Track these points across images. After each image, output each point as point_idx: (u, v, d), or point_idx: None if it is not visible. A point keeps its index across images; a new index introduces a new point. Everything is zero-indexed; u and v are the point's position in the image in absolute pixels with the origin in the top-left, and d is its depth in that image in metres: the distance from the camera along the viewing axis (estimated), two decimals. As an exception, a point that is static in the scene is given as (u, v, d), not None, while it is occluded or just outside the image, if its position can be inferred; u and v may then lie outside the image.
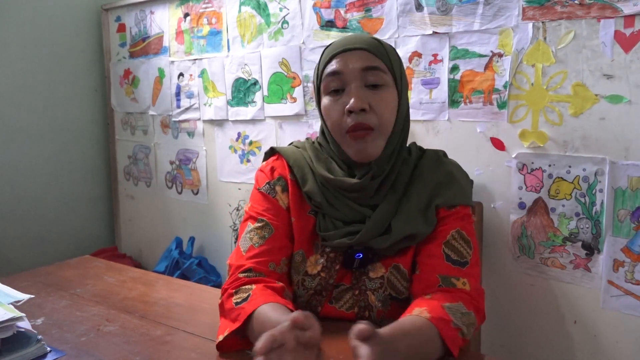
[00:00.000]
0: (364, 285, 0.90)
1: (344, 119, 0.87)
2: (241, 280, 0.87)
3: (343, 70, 0.87)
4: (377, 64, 0.88)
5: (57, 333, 0.90)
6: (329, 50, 0.92)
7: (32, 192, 2.33)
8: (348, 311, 0.91)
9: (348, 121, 0.87)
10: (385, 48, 0.91)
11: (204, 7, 2.08)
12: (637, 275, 1.24)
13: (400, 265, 0.90)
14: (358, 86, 0.86)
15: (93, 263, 1.32)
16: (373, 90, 0.87)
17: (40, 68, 2.33)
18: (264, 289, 0.85)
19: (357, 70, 0.87)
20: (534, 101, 1.34)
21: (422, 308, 0.79)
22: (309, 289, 0.92)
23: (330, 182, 0.91)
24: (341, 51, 0.89)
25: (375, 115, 0.87)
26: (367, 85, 0.87)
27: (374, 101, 0.87)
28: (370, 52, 0.88)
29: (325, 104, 0.91)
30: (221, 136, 2.10)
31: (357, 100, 0.85)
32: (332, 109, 0.89)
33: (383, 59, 0.89)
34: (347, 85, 0.87)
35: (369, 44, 0.89)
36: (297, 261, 0.93)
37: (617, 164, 1.24)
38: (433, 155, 0.98)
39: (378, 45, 0.90)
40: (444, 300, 0.80)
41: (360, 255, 0.89)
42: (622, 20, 1.20)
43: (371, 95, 0.87)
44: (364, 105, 0.85)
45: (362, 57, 0.87)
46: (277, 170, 0.98)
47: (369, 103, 0.86)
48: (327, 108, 0.90)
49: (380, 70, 0.88)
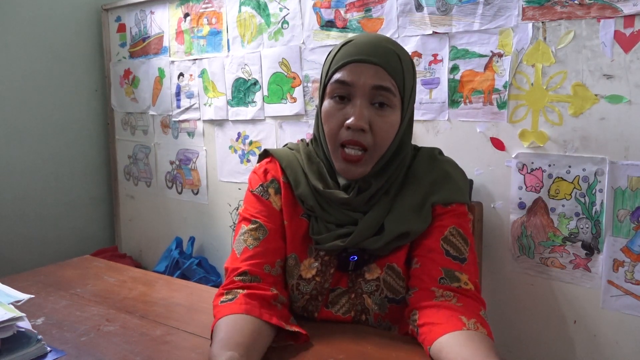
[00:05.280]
0: (360, 288, 0.90)
1: (342, 130, 0.86)
2: (236, 283, 0.87)
3: (354, 82, 0.85)
4: (389, 85, 0.85)
5: (57, 333, 0.90)
6: (344, 52, 0.88)
7: (32, 192, 2.33)
8: (345, 315, 0.91)
9: (344, 134, 0.86)
10: (402, 64, 0.88)
11: (204, 7, 2.08)
12: (637, 275, 1.24)
13: (394, 265, 0.89)
14: (363, 104, 0.85)
15: (93, 263, 1.31)
16: (377, 110, 0.86)
17: (41, 68, 2.33)
18: (250, 298, 0.83)
19: (368, 87, 0.84)
20: (533, 101, 1.34)
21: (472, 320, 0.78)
22: (305, 293, 0.91)
23: (320, 193, 0.91)
24: (357, 60, 0.85)
25: (373, 136, 0.86)
26: (373, 103, 0.86)
27: (375, 121, 0.85)
28: (386, 71, 0.85)
29: (327, 108, 0.89)
30: (221, 136, 2.10)
31: (358, 118, 0.84)
32: (332, 116, 0.88)
33: (397, 79, 0.86)
34: (353, 98, 0.86)
35: (387, 59, 0.86)
36: (290, 265, 0.92)
37: (617, 164, 1.24)
38: (427, 153, 0.96)
39: (396, 62, 0.87)
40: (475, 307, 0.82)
41: (355, 257, 0.88)
42: (622, 20, 1.20)
43: (374, 114, 0.85)
44: (364, 126, 0.84)
45: (376, 75, 0.85)
46: (270, 172, 0.98)
47: (370, 122, 0.85)
48: (327, 113, 0.89)
49: (391, 92, 0.85)
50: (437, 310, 0.81)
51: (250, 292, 0.84)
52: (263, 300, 0.84)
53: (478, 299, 0.84)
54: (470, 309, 0.81)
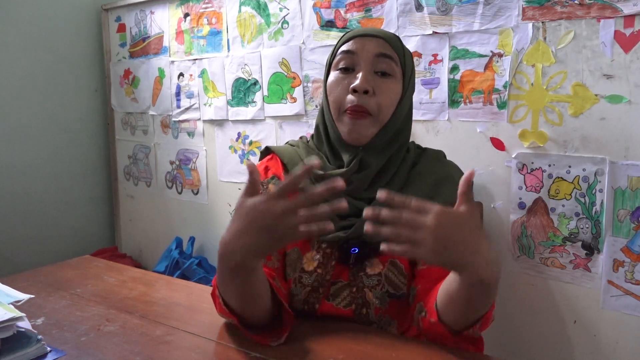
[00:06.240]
0: (362, 282, 0.90)
1: (346, 97, 0.90)
2: None
3: (358, 51, 0.91)
4: (391, 54, 0.91)
5: (57, 333, 0.90)
6: (350, 32, 0.96)
7: (32, 192, 2.33)
8: (345, 308, 0.91)
9: (349, 100, 0.90)
10: (402, 45, 0.95)
11: (204, 7, 2.08)
12: (637, 275, 1.24)
13: (397, 260, 0.90)
14: (368, 70, 0.90)
15: (93, 263, 1.31)
16: (381, 78, 0.90)
17: (41, 68, 2.33)
18: None
19: (371, 54, 0.90)
20: (533, 101, 1.34)
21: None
22: (306, 285, 0.92)
23: (319, 178, 0.92)
24: (361, 35, 0.93)
25: (376, 101, 0.89)
26: (377, 72, 0.90)
27: (379, 87, 0.89)
28: (388, 43, 0.92)
29: (332, 80, 0.93)
30: (221, 136, 2.10)
31: (363, 81, 0.88)
32: (337, 85, 0.92)
33: (398, 52, 0.92)
34: (357, 66, 0.91)
35: (388, 35, 0.94)
36: (292, 259, 0.93)
37: (617, 164, 1.24)
38: (433, 154, 0.99)
39: (396, 40, 0.94)
40: None
41: (356, 249, 0.89)
42: (622, 20, 1.20)
43: (378, 81, 0.90)
44: (368, 87, 0.88)
45: (378, 44, 0.91)
46: (271, 169, 0.99)
47: (373, 87, 0.89)
48: (332, 83, 0.93)
49: (393, 60, 0.91)
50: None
51: None
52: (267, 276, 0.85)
53: None
54: None
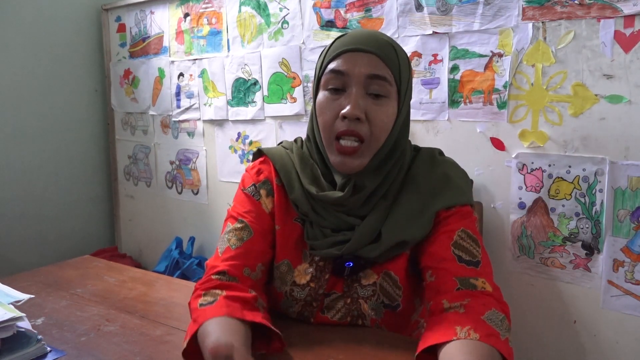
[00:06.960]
0: (356, 293, 0.88)
1: (337, 122, 0.84)
2: (213, 282, 0.83)
3: (348, 72, 0.82)
4: (385, 74, 0.83)
5: (57, 333, 0.90)
6: (339, 42, 0.86)
7: (32, 192, 2.33)
8: (341, 320, 0.89)
9: (340, 125, 0.83)
10: (398, 56, 0.85)
11: (204, 7, 2.08)
12: (637, 275, 1.24)
13: (391, 272, 0.87)
14: (359, 93, 0.82)
15: (93, 263, 1.31)
16: (373, 100, 0.83)
17: (41, 68, 2.33)
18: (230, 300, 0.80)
19: (363, 76, 0.82)
20: (533, 101, 1.34)
21: (466, 327, 0.71)
22: (299, 299, 0.89)
23: (314, 197, 0.88)
24: (352, 49, 0.83)
25: (369, 126, 0.83)
26: (369, 93, 0.83)
27: (372, 111, 0.82)
28: (381, 59, 0.82)
29: (321, 100, 0.85)
30: (221, 136, 2.10)
31: (353, 107, 0.81)
32: (327, 107, 0.85)
33: (392, 69, 0.84)
34: (348, 87, 0.83)
35: (382, 48, 0.83)
36: (282, 271, 0.90)
37: (617, 164, 1.24)
38: (427, 155, 0.92)
39: (391, 52, 0.84)
40: (478, 312, 0.75)
41: (351, 264, 0.86)
42: (622, 20, 1.20)
43: (370, 104, 0.82)
44: (360, 115, 0.81)
45: (371, 63, 0.82)
46: (263, 173, 0.94)
47: (366, 112, 0.82)
48: (322, 104, 0.85)
49: (387, 81, 0.83)
50: (438, 319, 0.77)
51: (230, 294, 0.81)
52: (244, 302, 0.81)
53: (490, 300, 0.78)
54: (471, 315, 0.75)
